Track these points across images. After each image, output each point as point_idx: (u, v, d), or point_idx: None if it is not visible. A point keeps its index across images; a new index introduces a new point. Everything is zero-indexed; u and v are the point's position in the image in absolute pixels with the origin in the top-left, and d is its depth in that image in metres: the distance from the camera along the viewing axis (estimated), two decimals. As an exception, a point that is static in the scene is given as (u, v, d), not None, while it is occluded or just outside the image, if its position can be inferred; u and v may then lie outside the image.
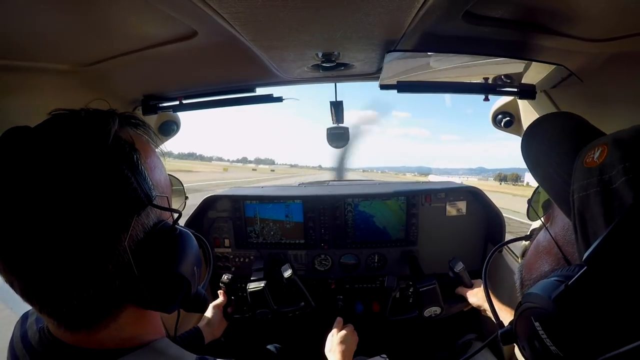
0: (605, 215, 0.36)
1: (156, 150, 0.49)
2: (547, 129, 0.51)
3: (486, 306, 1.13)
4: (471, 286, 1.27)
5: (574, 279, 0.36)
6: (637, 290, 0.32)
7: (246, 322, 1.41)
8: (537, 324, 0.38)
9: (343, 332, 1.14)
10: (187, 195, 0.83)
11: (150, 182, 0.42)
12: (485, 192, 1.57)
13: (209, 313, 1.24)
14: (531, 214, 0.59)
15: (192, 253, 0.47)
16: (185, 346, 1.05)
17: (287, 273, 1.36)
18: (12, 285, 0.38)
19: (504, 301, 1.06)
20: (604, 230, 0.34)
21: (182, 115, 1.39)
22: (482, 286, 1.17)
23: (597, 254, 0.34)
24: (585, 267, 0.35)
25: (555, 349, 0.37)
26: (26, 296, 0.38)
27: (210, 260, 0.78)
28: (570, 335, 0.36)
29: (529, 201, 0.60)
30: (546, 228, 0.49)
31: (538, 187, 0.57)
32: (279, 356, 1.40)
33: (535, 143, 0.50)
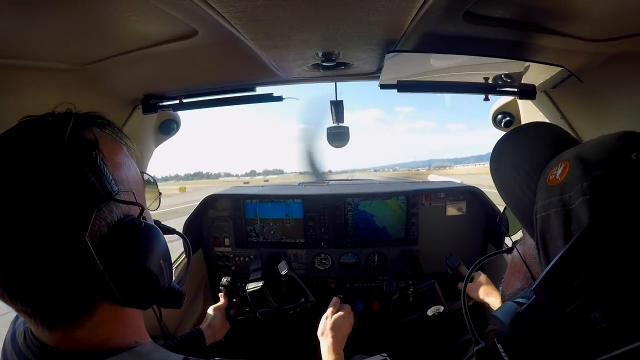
0: (565, 236, 0.35)
1: (125, 149, 0.50)
2: (515, 146, 0.50)
3: (488, 300, 1.12)
4: (471, 281, 1.26)
5: (524, 307, 0.37)
6: (589, 315, 0.33)
7: (248, 322, 1.40)
8: (499, 345, 0.40)
9: (338, 314, 1.07)
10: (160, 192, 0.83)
11: (112, 178, 0.43)
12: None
13: (210, 315, 1.23)
14: (503, 232, 0.59)
15: (158, 247, 0.47)
16: (185, 348, 1.04)
17: (284, 270, 1.36)
18: None
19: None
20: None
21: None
22: (482, 279, 1.20)
23: (548, 280, 0.34)
24: (534, 297, 0.36)
25: None
26: (1, 291, 0.39)
27: (190, 255, 0.77)
28: (527, 356, 0.37)
29: (499, 219, 0.59)
30: (515, 247, 0.50)
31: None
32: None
33: (502, 161, 0.49)
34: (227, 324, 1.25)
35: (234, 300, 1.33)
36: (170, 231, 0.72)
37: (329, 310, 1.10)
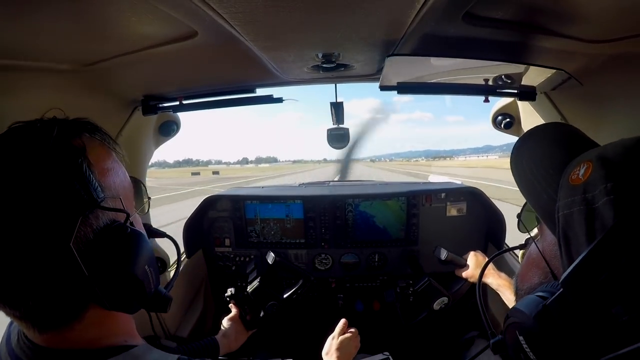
0: (587, 234, 0.36)
1: (113, 154, 0.51)
2: (535, 144, 0.51)
3: (489, 281, 1.13)
4: (465, 264, 1.29)
5: (551, 299, 0.38)
6: (611, 310, 0.34)
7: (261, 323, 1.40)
8: (521, 338, 0.40)
9: (345, 336, 1.09)
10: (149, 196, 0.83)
11: (97, 185, 0.43)
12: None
13: (224, 326, 1.23)
14: (521, 228, 0.60)
15: (143, 253, 0.47)
16: (197, 354, 1.04)
17: (270, 258, 1.35)
18: None
19: (509, 299, 1.06)
20: (586, 249, 0.34)
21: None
22: (475, 260, 1.25)
23: (574, 276, 0.35)
24: (561, 290, 0.37)
25: None
26: None
27: (179, 260, 0.78)
28: (551, 350, 0.37)
29: (519, 215, 0.61)
30: (535, 242, 0.50)
31: (526, 202, 0.56)
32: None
33: (523, 159, 0.50)
34: (243, 334, 1.23)
35: (246, 307, 1.32)
36: (161, 234, 0.73)
37: (336, 331, 1.11)
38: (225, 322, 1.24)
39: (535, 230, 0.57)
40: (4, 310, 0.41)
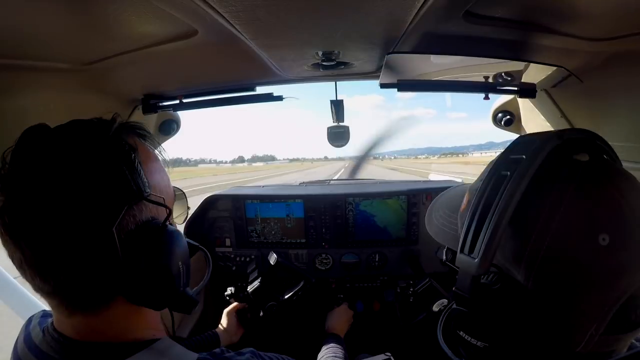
0: None
1: (160, 161, 0.54)
2: (438, 205, 0.63)
3: None
4: None
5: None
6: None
7: (258, 323, 1.41)
8: (461, 332, 0.48)
9: (337, 309, 1.36)
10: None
11: (146, 180, 0.46)
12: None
13: (225, 319, 1.26)
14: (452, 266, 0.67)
15: (179, 250, 0.49)
16: (199, 348, 1.06)
17: (272, 259, 1.35)
18: (12, 259, 0.43)
19: None
20: None
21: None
22: None
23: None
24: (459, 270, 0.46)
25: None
26: (22, 267, 0.42)
27: (209, 266, 0.80)
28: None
29: (441, 261, 0.67)
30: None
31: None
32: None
33: (432, 216, 0.61)
34: (241, 327, 1.26)
35: (246, 306, 1.33)
36: (194, 246, 0.73)
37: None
38: (225, 314, 1.26)
39: None
40: (33, 283, 0.43)
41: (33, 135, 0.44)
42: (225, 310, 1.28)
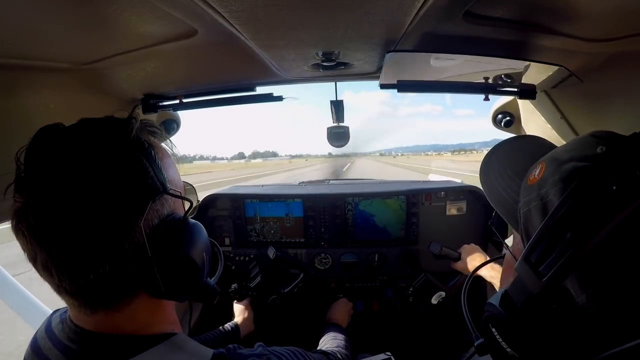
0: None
1: (173, 159, 0.55)
2: (501, 156, 0.56)
3: (482, 273, 1.12)
4: (459, 258, 1.31)
5: (510, 285, 0.41)
6: (559, 283, 0.36)
7: (262, 313, 1.44)
8: (493, 329, 0.42)
9: (337, 302, 1.41)
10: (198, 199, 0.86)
11: (166, 175, 0.48)
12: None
13: (238, 309, 1.34)
14: (493, 234, 0.63)
15: (201, 241, 0.50)
16: (221, 341, 1.12)
17: (271, 253, 1.38)
18: (34, 261, 0.42)
19: None
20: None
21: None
22: (465, 251, 1.28)
23: (526, 258, 0.38)
24: (517, 275, 0.40)
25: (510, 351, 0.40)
26: (48, 268, 0.42)
27: (221, 258, 0.83)
28: (520, 337, 0.39)
29: (490, 223, 0.64)
30: (506, 246, 0.54)
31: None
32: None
33: (490, 170, 0.54)
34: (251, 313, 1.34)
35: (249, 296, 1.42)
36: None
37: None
38: (237, 305, 1.35)
39: (509, 240, 0.59)
40: (60, 284, 0.42)
41: (50, 135, 0.44)
42: (240, 304, 1.35)
